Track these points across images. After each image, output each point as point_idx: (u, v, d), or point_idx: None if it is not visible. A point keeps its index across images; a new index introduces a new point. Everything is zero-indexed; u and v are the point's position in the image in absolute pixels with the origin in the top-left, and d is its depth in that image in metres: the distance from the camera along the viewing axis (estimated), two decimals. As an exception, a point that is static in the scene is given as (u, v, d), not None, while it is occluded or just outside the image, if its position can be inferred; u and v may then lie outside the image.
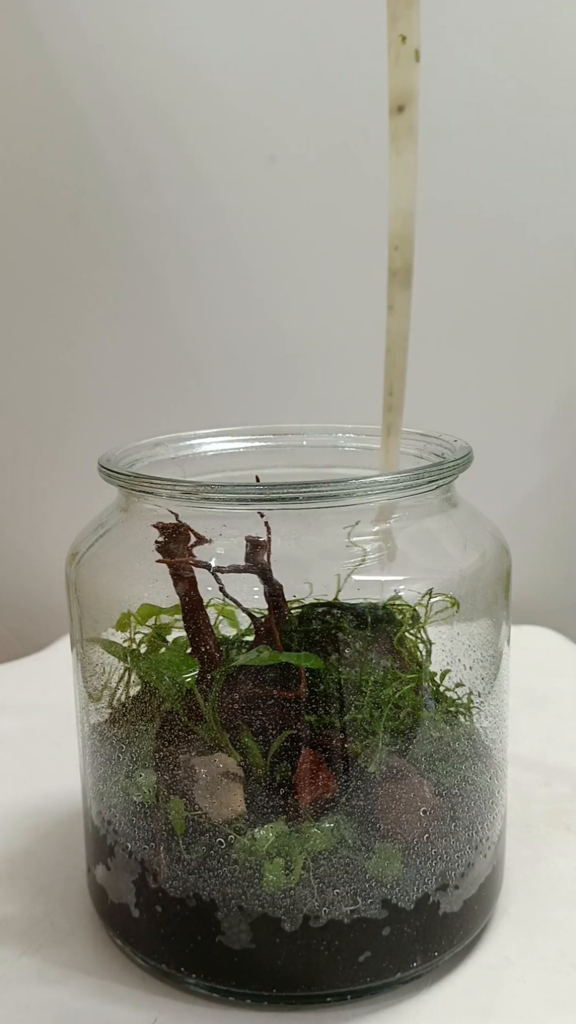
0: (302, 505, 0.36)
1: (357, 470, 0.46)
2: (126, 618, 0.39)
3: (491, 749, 0.42)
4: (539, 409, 0.82)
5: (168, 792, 0.38)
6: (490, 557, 0.41)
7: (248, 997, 0.38)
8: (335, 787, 0.37)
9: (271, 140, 0.76)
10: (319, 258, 0.79)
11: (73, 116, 0.76)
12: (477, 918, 0.41)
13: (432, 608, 0.38)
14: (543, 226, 0.77)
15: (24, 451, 0.85)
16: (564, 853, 0.48)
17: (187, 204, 0.78)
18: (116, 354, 0.82)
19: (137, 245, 0.79)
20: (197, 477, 0.45)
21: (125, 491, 0.40)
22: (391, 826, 0.37)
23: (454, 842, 0.39)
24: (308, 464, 0.48)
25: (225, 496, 0.36)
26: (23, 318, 0.82)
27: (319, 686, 0.37)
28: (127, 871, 0.40)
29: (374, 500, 0.37)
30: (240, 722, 0.37)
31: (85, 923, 0.44)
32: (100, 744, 0.41)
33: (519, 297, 0.79)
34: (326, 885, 0.36)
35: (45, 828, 0.52)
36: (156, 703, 0.39)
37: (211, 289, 0.80)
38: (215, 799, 0.37)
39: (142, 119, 0.76)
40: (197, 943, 0.38)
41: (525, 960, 0.41)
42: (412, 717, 0.38)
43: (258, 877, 0.36)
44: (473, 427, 0.78)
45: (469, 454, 0.41)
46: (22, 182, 0.79)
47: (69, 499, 0.81)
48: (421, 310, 0.79)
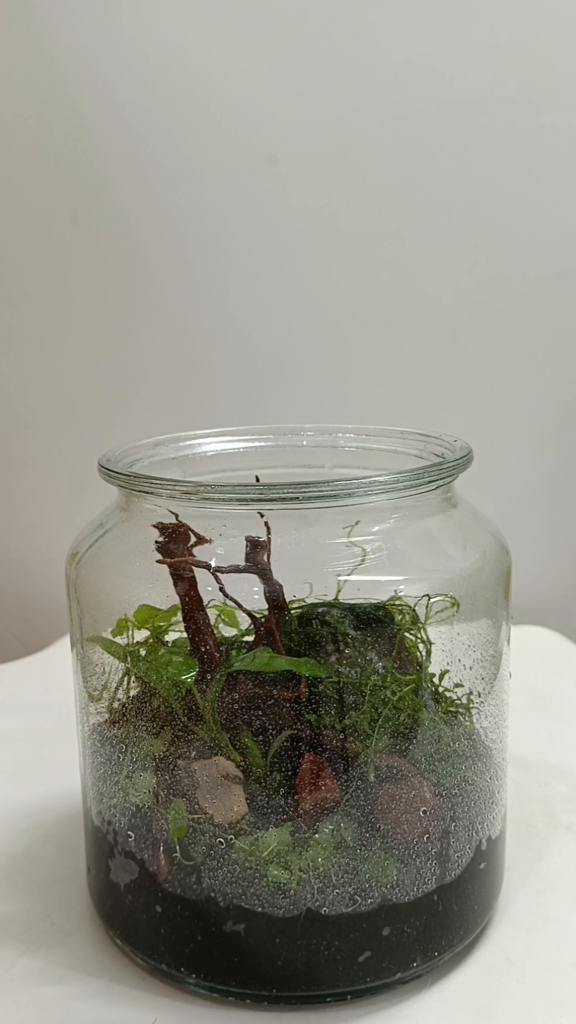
0: (302, 505, 0.36)
1: (357, 470, 0.46)
2: (124, 623, 0.39)
3: (491, 749, 0.42)
4: (539, 409, 0.82)
5: (168, 793, 0.38)
6: (490, 557, 0.41)
7: (248, 997, 0.38)
8: (337, 790, 0.37)
9: (271, 140, 0.76)
10: (319, 258, 0.79)
11: (73, 116, 0.76)
12: (477, 918, 0.41)
13: (432, 608, 0.38)
14: (544, 225, 0.77)
15: (24, 451, 0.85)
16: (564, 853, 0.48)
17: (187, 204, 0.78)
18: (116, 354, 0.82)
19: (137, 245, 0.79)
20: (197, 477, 0.45)
21: (125, 491, 0.40)
22: (391, 826, 0.37)
23: (454, 842, 0.39)
24: (308, 464, 0.48)
25: (225, 496, 0.36)
26: (23, 318, 0.82)
27: (319, 686, 0.37)
28: (127, 871, 0.40)
29: (374, 500, 0.37)
30: (240, 722, 0.37)
31: (85, 923, 0.44)
32: (100, 744, 0.41)
33: (519, 297, 0.79)
34: (326, 885, 0.36)
35: (45, 828, 0.52)
36: (156, 703, 0.39)
37: (211, 289, 0.80)
38: (216, 801, 0.37)
39: (142, 119, 0.76)
40: (197, 943, 0.38)
41: (525, 960, 0.41)
42: (412, 718, 0.38)
43: (258, 877, 0.36)
44: (473, 427, 0.78)
45: (469, 454, 0.41)
46: (22, 182, 0.79)
47: (69, 499, 0.81)
48: (422, 310, 0.79)
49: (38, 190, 0.78)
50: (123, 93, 0.76)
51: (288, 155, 0.76)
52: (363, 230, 0.78)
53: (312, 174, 0.77)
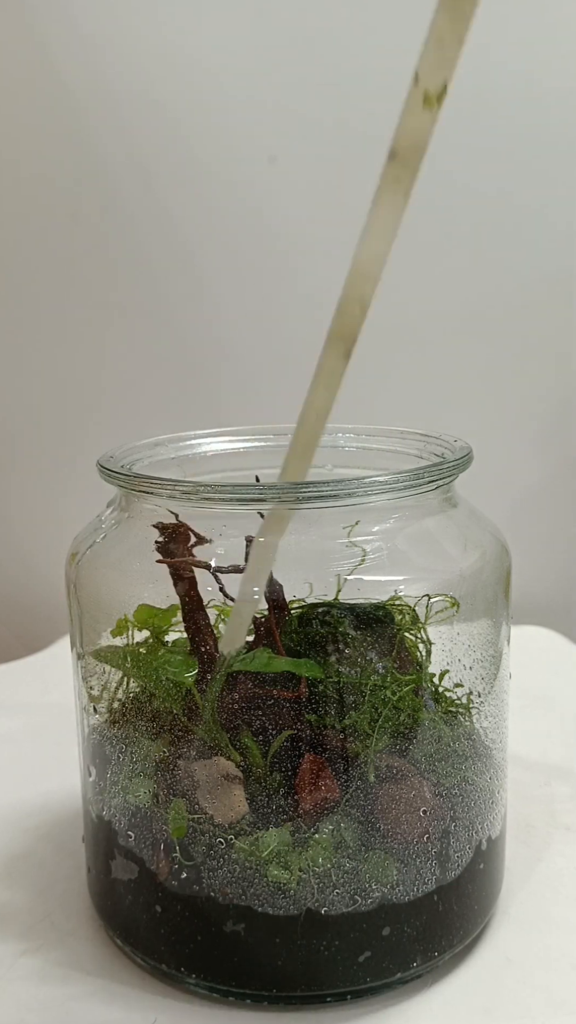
0: (302, 505, 0.36)
1: (357, 470, 0.46)
2: (123, 623, 0.39)
3: (491, 749, 0.42)
4: (538, 409, 0.82)
5: (168, 793, 0.38)
6: (490, 557, 0.41)
7: (248, 997, 0.38)
8: (337, 790, 0.37)
9: (271, 140, 0.76)
10: (319, 258, 0.79)
11: (73, 116, 0.76)
12: (477, 918, 0.41)
13: (432, 608, 0.38)
14: (545, 225, 0.77)
15: (24, 451, 0.85)
16: (564, 853, 0.48)
17: (187, 204, 0.78)
18: (116, 354, 0.82)
19: (137, 245, 0.79)
20: (197, 477, 0.45)
21: (125, 491, 0.40)
22: (391, 826, 0.37)
23: (454, 842, 0.39)
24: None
25: (225, 496, 0.36)
26: (23, 318, 0.82)
27: (319, 686, 0.37)
28: (127, 871, 0.40)
29: (374, 500, 0.37)
30: (240, 722, 0.37)
31: (85, 923, 0.44)
32: (100, 744, 0.41)
33: (519, 297, 0.79)
34: (326, 885, 0.36)
35: (45, 828, 0.52)
36: (156, 704, 0.39)
37: (211, 289, 0.80)
38: (216, 801, 0.37)
39: (142, 119, 0.76)
40: (197, 943, 0.38)
41: (525, 960, 0.41)
42: (412, 718, 0.38)
43: (258, 877, 0.36)
44: (473, 427, 0.78)
45: (469, 454, 0.41)
46: (22, 182, 0.79)
47: (69, 499, 0.81)
48: (422, 309, 0.79)
49: (38, 190, 0.78)
50: (123, 93, 0.76)
51: (288, 155, 0.76)
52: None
53: (312, 174, 0.77)
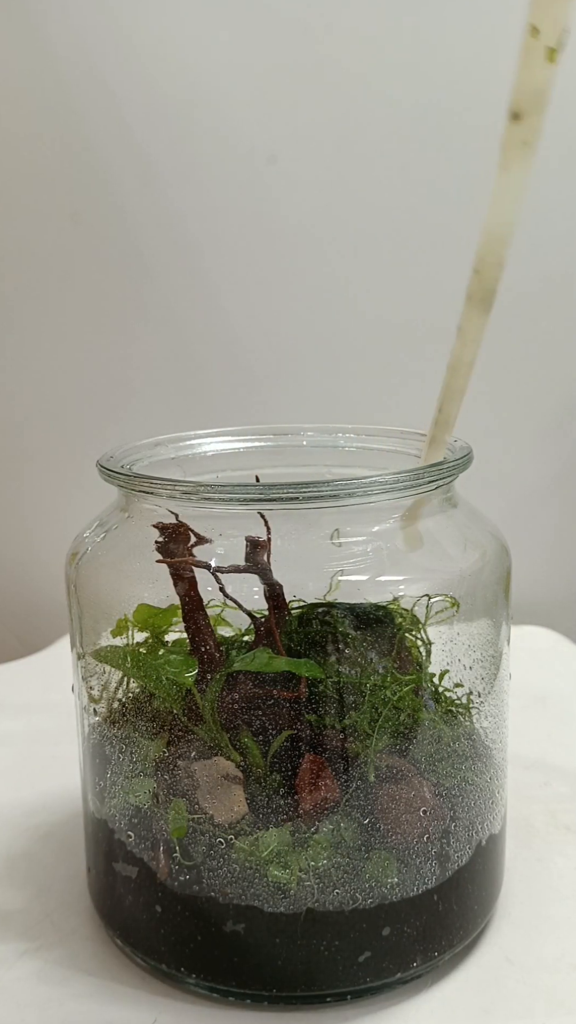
0: (302, 505, 0.36)
1: (357, 470, 0.46)
2: (123, 623, 0.39)
3: (491, 749, 0.42)
4: (539, 408, 0.82)
5: (168, 793, 0.38)
6: (490, 557, 0.41)
7: (248, 997, 0.38)
8: (337, 790, 0.37)
9: (271, 140, 0.76)
10: (319, 258, 0.79)
11: (73, 116, 0.76)
12: (477, 918, 0.41)
13: (432, 608, 0.38)
14: (545, 226, 0.77)
15: (23, 451, 0.85)
16: (564, 853, 0.48)
17: (187, 204, 0.78)
18: (116, 354, 0.82)
19: (137, 245, 0.79)
20: (197, 477, 0.45)
21: (125, 491, 0.40)
22: (391, 826, 0.37)
23: (454, 842, 0.39)
24: (308, 464, 0.48)
25: (225, 496, 0.36)
26: (23, 318, 0.82)
27: (319, 686, 0.37)
28: (127, 871, 0.40)
29: (374, 500, 0.37)
30: (240, 722, 0.37)
31: (85, 923, 0.44)
32: (100, 744, 0.41)
33: (519, 296, 0.79)
34: (326, 885, 0.36)
35: (45, 828, 0.52)
36: (156, 704, 0.39)
37: (211, 289, 0.80)
38: (216, 801, 0.37)
39: (142, 119, 0.76)
40: (197, 943, 0.38)
41: (525, 960, 0.41)
42: (412, 718, 0.38)
43: (258, 877, 0.36)
44: (473, 427, 0.78)
45: (469, 454, 0.41)
46: (22, 182, 0.79)
47: (69, 499, 0.81)
48: (422, 309, 0.79)
49: (38, 190, 0.78)
50: (123, 93, 0.76)
51: (288, 155, 0.76)
52: (363, 230, 0.78)
53: (312, 174, 0.77)
